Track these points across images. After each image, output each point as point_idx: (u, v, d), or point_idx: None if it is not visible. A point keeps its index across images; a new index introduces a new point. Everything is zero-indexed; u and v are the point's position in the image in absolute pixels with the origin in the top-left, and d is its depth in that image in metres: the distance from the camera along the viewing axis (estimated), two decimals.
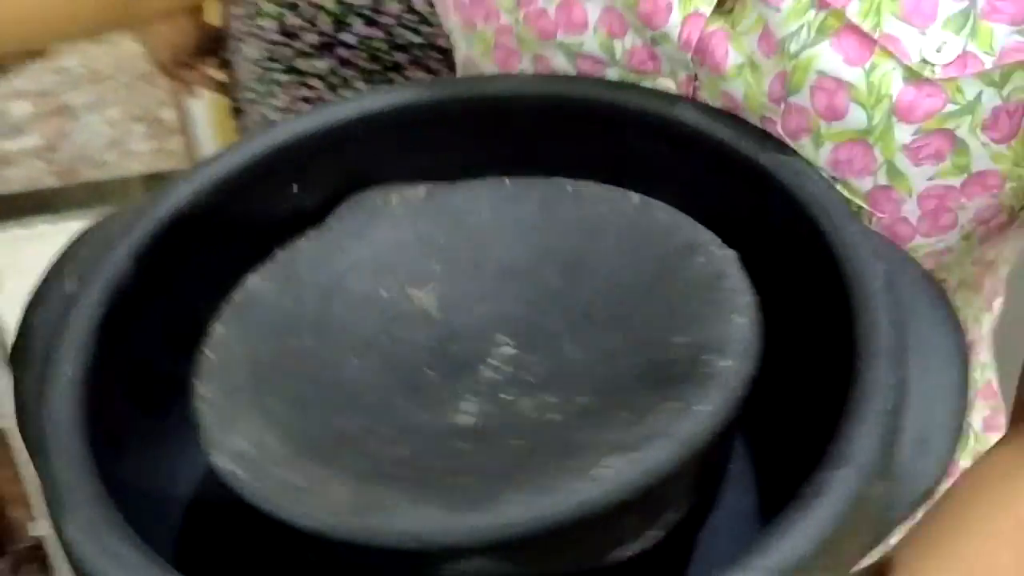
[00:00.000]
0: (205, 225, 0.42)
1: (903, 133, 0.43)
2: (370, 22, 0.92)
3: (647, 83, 0.49)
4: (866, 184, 0.45)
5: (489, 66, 0.53)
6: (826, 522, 0.31)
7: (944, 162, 0.44)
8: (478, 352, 0.39)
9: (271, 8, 0.93)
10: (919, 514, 0.40)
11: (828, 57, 0.42)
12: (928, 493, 0.35)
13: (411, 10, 0.92)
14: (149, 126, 2.11)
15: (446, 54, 0.94)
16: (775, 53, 0.44)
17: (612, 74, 0.50)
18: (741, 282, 0.38)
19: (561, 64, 0.50)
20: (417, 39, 0.93)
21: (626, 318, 0.39)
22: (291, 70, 0.97)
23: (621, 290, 0.41)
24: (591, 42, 0.49)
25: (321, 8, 0.91)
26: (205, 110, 2.02)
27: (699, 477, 0.36)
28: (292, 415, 0.35)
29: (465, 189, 0.44)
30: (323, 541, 0.31)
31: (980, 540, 0.41)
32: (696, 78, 0.48)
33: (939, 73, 0.41)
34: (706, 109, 0.46)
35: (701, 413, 0.33)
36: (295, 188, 0.45)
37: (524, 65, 0.51)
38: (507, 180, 0.44)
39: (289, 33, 0.94)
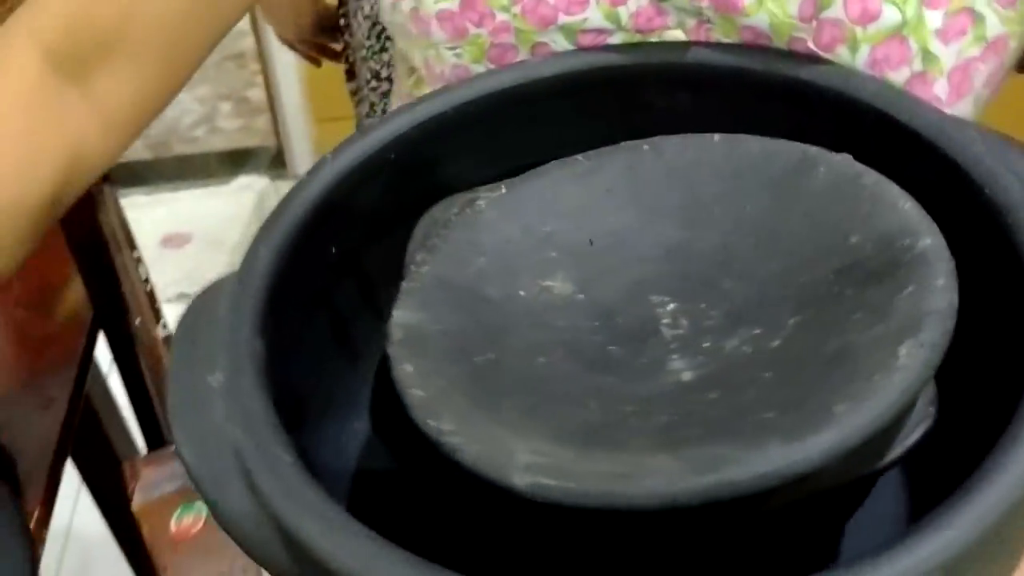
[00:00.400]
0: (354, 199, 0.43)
1: (934, 19, 0.47)
2: None
3: (654, 38, 0.50)
4: (903, 75, 0.48)
5: (474, 71, 0.53)
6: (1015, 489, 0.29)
7: (967, 36, 0.48)
8: (645, 317, 0.38)
9: None
10: None
11: None
12: None
13: None
14: (236, 104, 2.20)
15: None
16: None
17: (617, 39, 0.51)
18: (879, 176, 0.36)
19: (561, 46, 0.52)
20: None
21: (775, 240, 0.38)
22: None
23: (752, 218, 0.38)
24: (594, 16, 0.51)
25: None
26: (295, 90, 2.10)
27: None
28: (501, 402, 0.34)
29: (542, 175, 0.43)
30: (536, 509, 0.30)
31: None
32: (707, 20, 0.50)
33: None
34: (738, 47, 0.47)
35: (943, 287, 0.31)
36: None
37: (522, 57, 0.53)
38: (579, 157, 0.43)
39: None
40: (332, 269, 0.43)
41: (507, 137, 0.46)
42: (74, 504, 1.80)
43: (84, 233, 0.78)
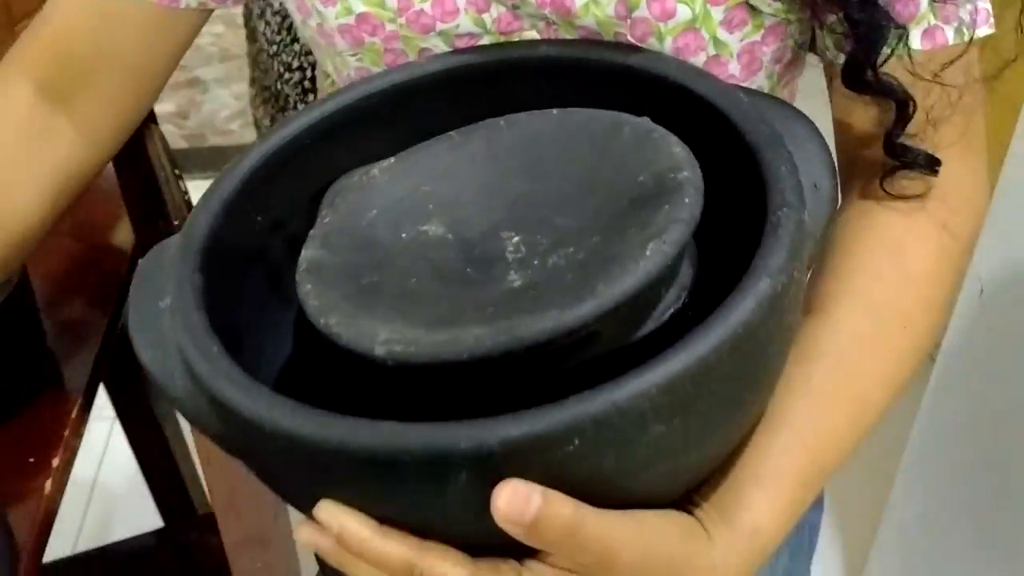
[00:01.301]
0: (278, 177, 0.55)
1: (717, 13, 0.58)
2: None
3: (515, 38, 0.61)
4: (701, 59, 0.59)
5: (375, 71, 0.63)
6: (790, 232, 0.43)
7: (748, 26, 0.59)
8: (496, 248, 0.50)
9: None
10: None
11: None
12: (831, 215, 0.49)
13: None
14: None
15: None
16: None
17: (485, 41, 0.62)
18: (664, 131, 0.50)
19: (441, 48, 0.62)
20: None
21: (592, 184, 0.50)
22: None
23: (577, 170, 0.51)
24: (464, 22, 0.61)
25: None
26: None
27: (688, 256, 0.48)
28: (376, 306, 0.45)
29: (423, 148, 0.55)
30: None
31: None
32: (553, 23, 0.60)
33: None
34: (576, 41, 0.59)
35: (689, 204, 0.45)
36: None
37: (411, 59, 0.63)
38: (452, 133, 0.55)
39: None
40: (264, 231, 0.55)
41: (399, 125, 0.57)
42: (100, 458, 1.90)
43: (133, 168, 0.91)
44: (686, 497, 0.47)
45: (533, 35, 0.61)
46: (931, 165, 0.58)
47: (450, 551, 0.43)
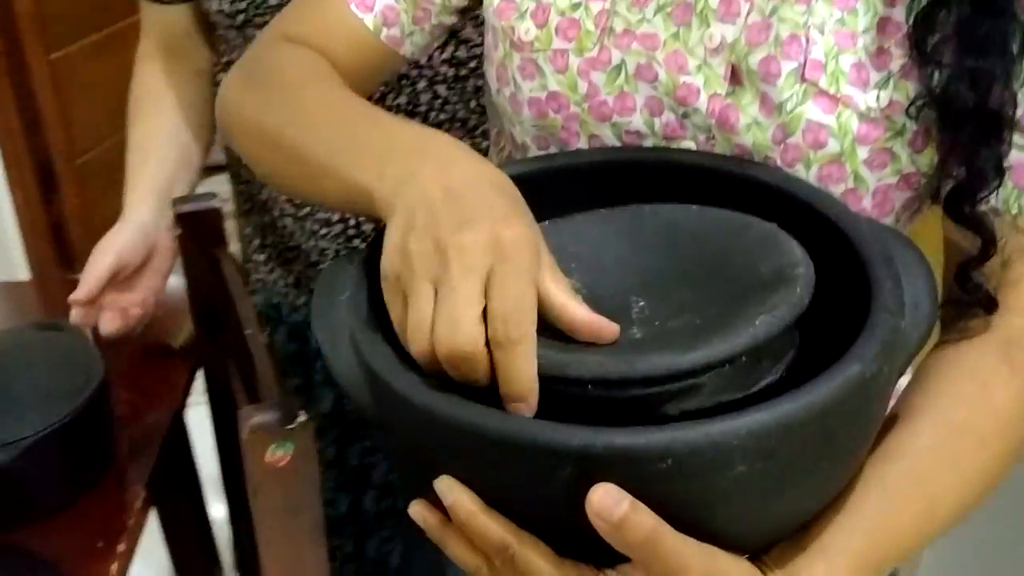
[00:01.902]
0: None
1: (862, 152, 0.64)
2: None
3: (675, 145, 0.69)
4: (839, 188, 0.66)
5: (549, 144, 0.72)
6: (885, 332, 0.49)
7: (887, 168, 0.65)
8: (624, 307, 0.56)
9: None
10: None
11: (812, 111, 0.64)
12: (927, 332, 0.55)
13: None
14: None
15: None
16: (771, 113, 0.65)
17: (649, 142, 0.70)
18: (787, 235, 0.57)
19: (609, 138, 0.70)
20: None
21: (717, 269, 0.56)
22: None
23: (706, 255, 0.57)
24: (637, 121, 0.69)
25: None
26: None
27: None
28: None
29: (575, 218, 0.62)
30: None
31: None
32: (712, 137, 0.68)
33: (878, 114, 0.63)
34: (728, 156, 0.67)
35: (800, 293, 0.51)
36: None
37: (581, 142, 0.71)
38: (601, 210, 0.63)
39: None
40: None
41: (559, 197, 0.64)
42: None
43: (206, 285, 1.01)
44: (755, 556, 0.52)
45: (691, 145, 0.69)
46: (989, 304, 0.63)
47: (542, 544, 0.48)
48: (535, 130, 0.73)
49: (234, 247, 1.12)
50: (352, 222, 1.13)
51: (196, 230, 1.01)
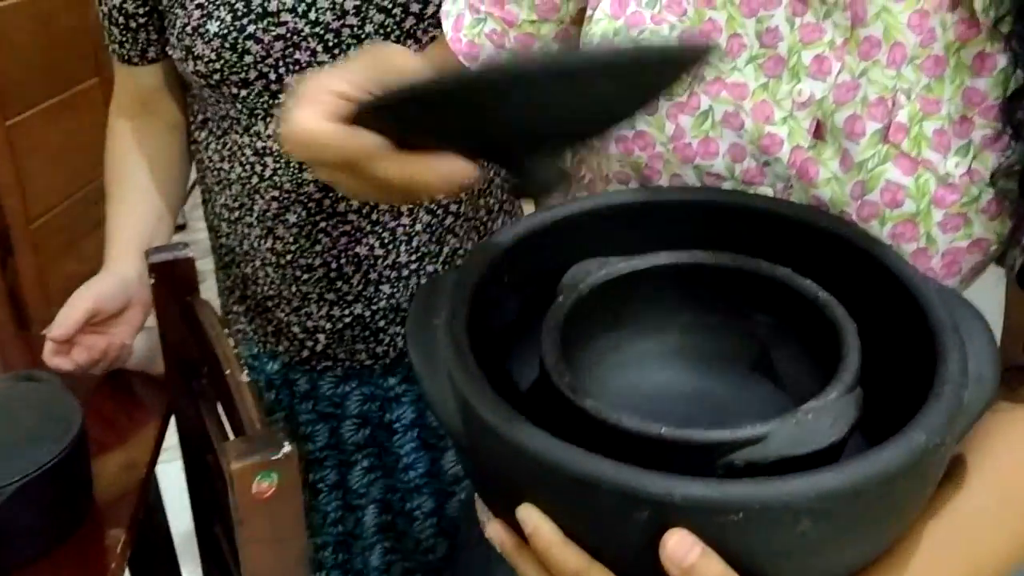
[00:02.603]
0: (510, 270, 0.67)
1: (937, 214, 0.66)
2: None
3: (752, 191, 0.71)
4: (911, 247, 0.67)
5: (632, 182, 0.75)
6: (951, 403, 0.52)
7: (959, 232, 0.67)
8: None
9: None
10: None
11: (892, 172, 0.66)
12: (989, 403, 0.57)
13: None
14: None
15: None
16: (851, 169, 0.67)
17: (728, 185, 0.71)
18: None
19: (691, 179, 0.73)
20: None
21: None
22: (332, 214, 1.12)
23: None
24: (719, 164, 0.71)
25: None
26: None
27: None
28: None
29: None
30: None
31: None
32: (790, 186, 0.70)
33: (956, 180, 0.66)
34: (804, 206, 0.70)
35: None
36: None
37: (663, 180, 0.74)
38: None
39: None
40: (504, 289, 0.67)
41: (635, 232, 0.69)
42: None
43: (180, 331, 1.04)
44: None
45: (768, 191, 0.72)
46: None
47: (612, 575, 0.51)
48: (618, 165, 0.75)
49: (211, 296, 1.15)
50: (333, 265, 1.16)
51: (169, 279, 1.04)
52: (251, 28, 1.02)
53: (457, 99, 0.52)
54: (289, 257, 1.16)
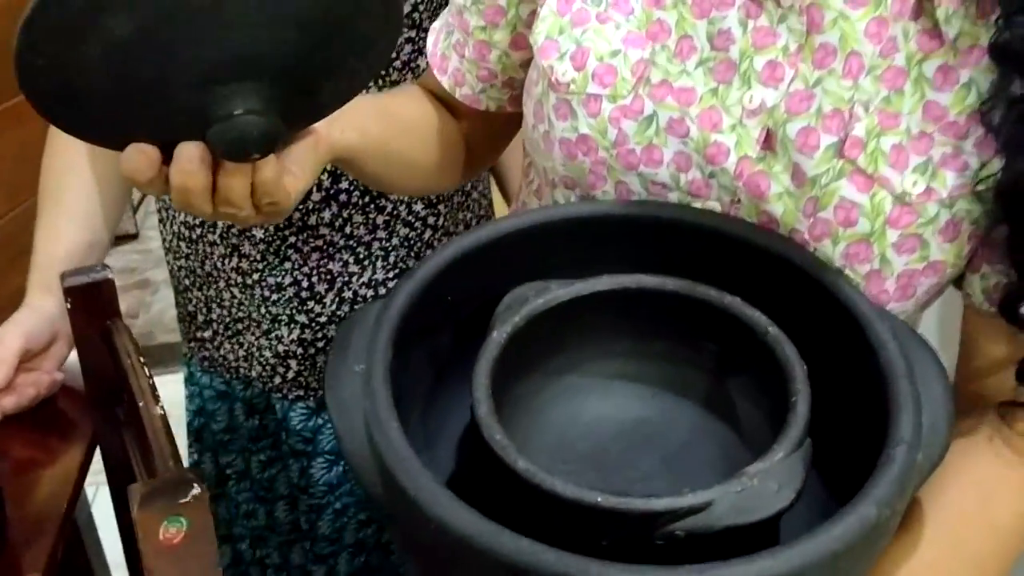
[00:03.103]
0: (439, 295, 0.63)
1: (892, 235, 0.64)
2: None
3: (698, 204, 0.68)
4: (865, 268, 0.65)
5: (579, 188, 0.72)
6: (903, 469, 0.49)
7: (915, 254, 0.64)
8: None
9: None
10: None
11: (846, 188, 0.63)
12: (942, 456, 0.54)
13: None
14: None
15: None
16: (804, 185, 0.64)
17: (673, 197, 0.69)
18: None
19: (636, 188, 0.70)
20: None
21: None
22: (302, 228, 1.07)
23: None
24: (663, 174, 0.69)
25: None
26: None
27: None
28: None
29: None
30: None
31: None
32: (738, 200, 0.67)
33: (913, 200, 0.63)
34: (749, 224, 0.66)
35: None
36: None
37: (608, 187, 0.71)
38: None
39: None
40: (440, 314, 0.62)
41: (576, 247, 0.66)
42: None
43: (98, 359, 0.97)
44: None
45: (715, 207, 0.68)
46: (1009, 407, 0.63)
47: None
48: (563, 170, 0.73)
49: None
50: (305, 283, 1.09)
51: (88, 303, 0.97)
52: None
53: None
54: (256, 276, 1.10)
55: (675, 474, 0.55)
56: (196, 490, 0.67)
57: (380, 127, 0.76)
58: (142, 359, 0.82)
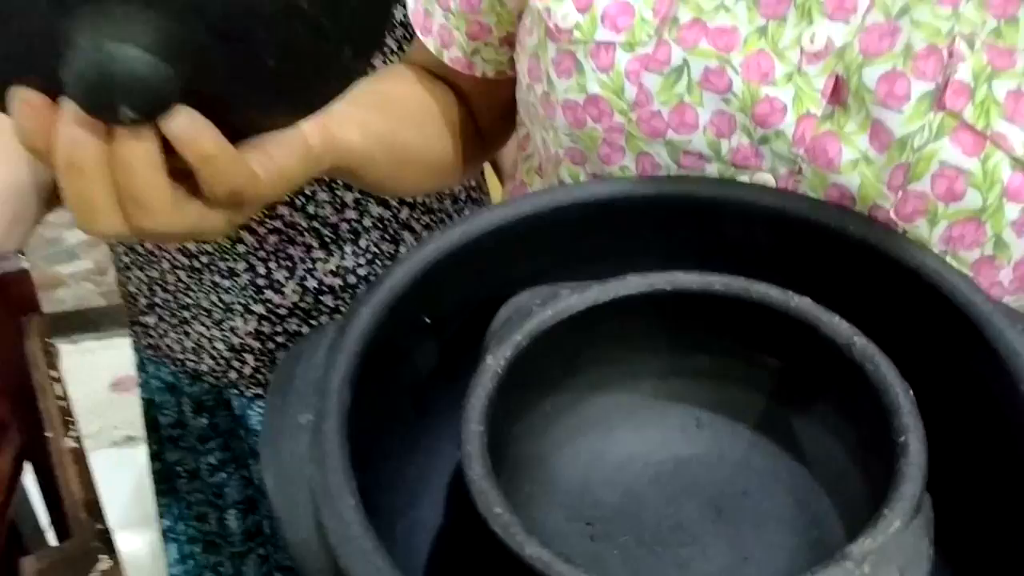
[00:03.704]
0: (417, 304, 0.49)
1: (1012, 211, 0.50)
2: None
3: (745, 177, 0.54)
4: (973, 255, 0.51)
5: (589, 163, 0.59)
6: None
7: None
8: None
9: None
10: None
11: (949, 151, 0.49)
12: None
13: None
14: None
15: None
16: (889, 148, 0.50)
17: (712, 169, 0.55)
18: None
19: (664, 160, 0.56)
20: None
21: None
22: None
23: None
24: (699, 140, 0.55)
25: None
26: None
27: None
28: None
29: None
30: None
31: None
32: (799, 171, 0.53)
33: None
34: (817, 201, 0.53)
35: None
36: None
37: (627, 161, 0.57)
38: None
39: None
40: (418, 333, 0.49)
41: (591, 239, 0.52)
42: None
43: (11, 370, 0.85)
44: None
45: (768, 179, 0.54)
46: None
47: None
48: (569, 140, 0.58)
49: None
50: (261, 270, 0.96)
51: (2, 296, 0.85)
52: None
53: None
54: (204, 259, 0.96)
55: (736, 534, 0.43)
56: (104, 564, 0.55)
57: (381, 117, 0.61)
58: (53, 373, 0.69)
